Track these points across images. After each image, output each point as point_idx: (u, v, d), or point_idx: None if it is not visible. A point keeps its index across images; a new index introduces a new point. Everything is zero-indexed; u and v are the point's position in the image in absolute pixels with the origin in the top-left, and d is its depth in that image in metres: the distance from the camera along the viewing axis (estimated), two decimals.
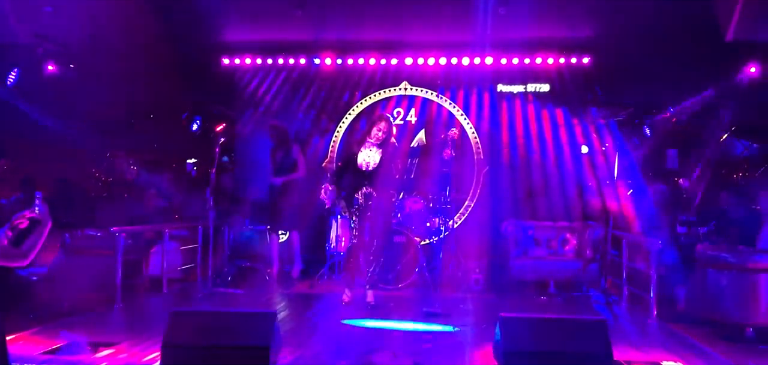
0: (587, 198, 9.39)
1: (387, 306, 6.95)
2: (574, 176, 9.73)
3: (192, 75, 9.54)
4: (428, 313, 6.52)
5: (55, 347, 5.00)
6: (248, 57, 10.23)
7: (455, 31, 9.35)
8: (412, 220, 8.72)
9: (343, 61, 10.14)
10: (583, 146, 9.92)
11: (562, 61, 9.77)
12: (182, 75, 9.38)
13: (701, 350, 5.35)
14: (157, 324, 4.98)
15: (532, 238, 8.67)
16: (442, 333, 5.85)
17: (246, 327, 4.44)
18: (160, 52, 8.81)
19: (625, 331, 6.20)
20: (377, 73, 10.29)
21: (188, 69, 9.41)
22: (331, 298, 7.36)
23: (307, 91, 10.43)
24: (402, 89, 10.36)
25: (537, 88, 10.09)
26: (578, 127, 9.93)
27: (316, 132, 10.42)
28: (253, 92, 10.43)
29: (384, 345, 5.24)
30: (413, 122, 10.27)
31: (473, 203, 10.10)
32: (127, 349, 5.02)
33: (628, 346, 5.34)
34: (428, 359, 5.02)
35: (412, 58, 9.99)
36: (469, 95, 10.28)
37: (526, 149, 10.02)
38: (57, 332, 5.41)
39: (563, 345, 4.34)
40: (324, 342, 5.57)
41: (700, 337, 5.76)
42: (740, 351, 5.42)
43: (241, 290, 7.87)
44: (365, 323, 6.18)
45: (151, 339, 5.06)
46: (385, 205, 7.02)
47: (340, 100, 10.45)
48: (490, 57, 9.80)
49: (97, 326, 6.01)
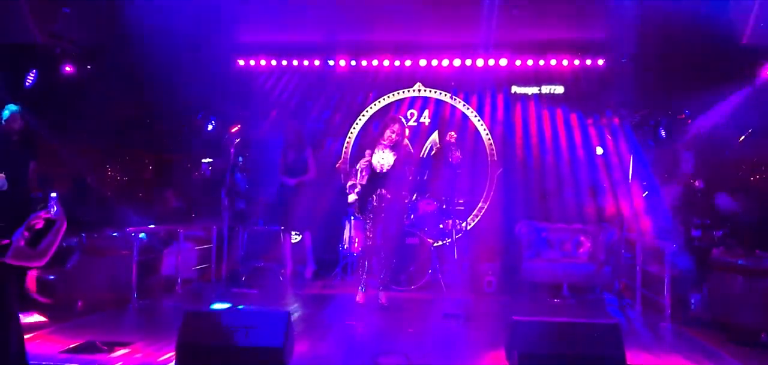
0: (601, 200, 9.35)
1: (400, 308, 6.97)
2: (588, 178, 9.69)
3: (208, 75, 9.59)
4: (446, 315, 6.54)
5: (73, 346, 5.06)
6: (263, 58, 10.28)
7: (469, 32, 9.34)
8: (425, 221, 8.74)
9: (356, 63, 10.16)
10: (597, 148, 9.88)
11: (576, 62, 9.73)
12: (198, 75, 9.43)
13: (715, 354, 5.33)
14: (171, 324, 5.02)
15: (546, 240, 8.65)
16: (454, 335, 5.85)
17: (260, 327, 4.48)
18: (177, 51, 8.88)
19: (639, 335, 6.17)
20: (391, 75, 10.32)
21: (204, 69, 9.46)
22: (344, 299, 7.38)
23: (321, 92, 10.48)
24: (415, 91, 10.38)
25: (551, 89, 10.06)
26: (592, 129, 9.90)
27: (330, 133, 10.46)
28: (267, 93, 10.48)
29: (396, 347, 5.25)
30: (427, 124, 10.29)
31: (486, 204, 10.10)
32: (142, 349, 5.07)
33: (641, 350, 5.32)
34: (441, 361, 5.03)
35: (425, 59, 9.99)
36: (483, 96, 10.29)
37: (540, 151, 9.99)
38: (74, 331, 5.49)
39: (576, 349, 4.35)
40: (337, 342, 5.59)
41: (714, 341, 5.74)
42: (754, 356, 5.39)
43: (255, 290, 7.92)
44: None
45: (165, 338, 5.11)
46: (398, 206, 7.03)
47: (353, 101, 10.49)
48: (504, 59, 9.78)
49: (112, 325, 6.09)
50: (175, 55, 8.79)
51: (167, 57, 8.83)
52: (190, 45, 8.89)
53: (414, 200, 8.77)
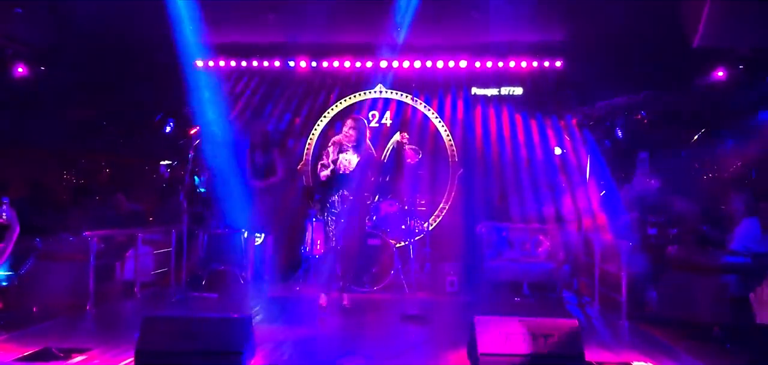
0: (560, 200, 9.48)
1: (362, 309, 6.97)
2: (547, 178, 9.82)
3: (166, 77, 9.46)
4: (405, 316, 6.57)
5: (28, 353, 4.94)
6: (222, 59, 10.17)
7: (430, 34, 9.40)
8: (387, 223, 8.76)
9: (318, 64, 10.12)
10: (556, 148, 10.03)
11: (535, 64, 9.82)
12: (155, 77, 9.30)
13: (671, 350, 5.44)
14: (130, 329, 4.95)
15: (506, 240, 8.72)
16: (416, 336, 5.88)
17: (220, 332, 4.44)
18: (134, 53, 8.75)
19: (597, 332, 6.28)
20: (352, 76, 10.32)
21: (162, 71, 9.33)
22: (306, 301, 7.34)
23: (282, 93, 10.42)
24: (377, 92, 10.39)
25: (511, 91, 10.16)
26: (551, 129, 10.04)
27: (291, 135, 10.40)
28: (227, 95, 10.36)
29: (357, 349, 5.25)
30: (389, 125, 10.30)
31: (448, 205, 10.16)
32: (99, 355, 4.97)
33: (600, 347, 5.42)
34: (403, 362, 5.04)
35: (386, 61, 10.00)
36: (444, 98, 10.35)
37: (500, 152, 10.09)
38: (29, 338, 5.36)
39: (537, 347, 4.41)
40: (298, 345, 5.56)
41: (670, 337, 5.85)
42: (708, 351, 5.51)
43: (215, 294, 7.83)
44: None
45: (124, 344, 5.02)
46: (360, 208, 7.02)
47: (315, 103, 10.44)
48: (464, 60, 9.86)
49: (69, 331, 5.94)
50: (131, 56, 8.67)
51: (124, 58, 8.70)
52: (147, 46, 8.77)
53: (376, 202, 8.78)
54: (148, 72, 9.11)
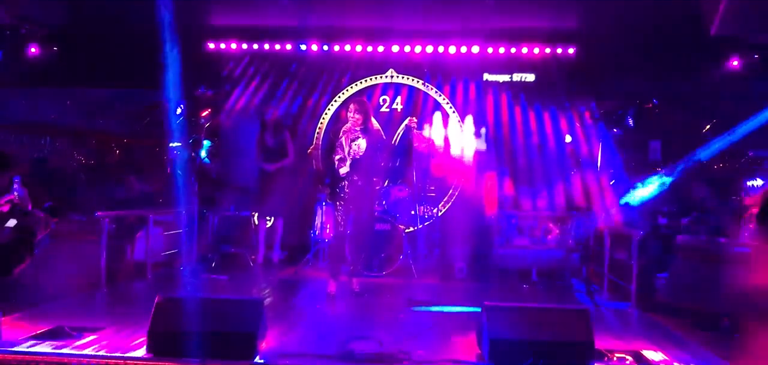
0: (570, 188, 9.47)
1: (372, 293, 6.99)
2: (557, 165, 9.80)
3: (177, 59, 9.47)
4: (411, 300, 6.59)
5: (40, 331, 4.98)
6: (234, 42, 10.18)
7: (443, 19, 9.36)
8: (397, 208, 8.77)
9: (329, 48, 10.13)
10: (567, 136, 10.00)
11: (547, 51, 9.82)
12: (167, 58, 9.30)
13: (679, 339, 5.44)
14: (141, 309, 4.97)
15: (516, 227, 8.72)
16: (425, 320, 5.90)
17: (233, 313, 4.46)
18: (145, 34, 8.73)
19: (607, 320, 6.28)
20: (363, 61, 10.29)
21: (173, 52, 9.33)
22: (316, 284, 7.38)
23: (293, 77, 10.42)
24: (388, 77, 10.37)
25: (523, 77, 10.13)
26: (563, 117, 10.00)
27: (302, 119, 10.41)
28: (238, 77, 10.39)
29: (368, 332, 5.27)
30: (399, 110, 10.29)
31: (458, 192, 10.15)
32: (112, 334, 5.00)
33: (609, 335, 5.41)
34: (412, 346, 5.06)
35: (398, 45, 9.98)
36: (456, 84, 10.31)
37: (511, 138, 10.07)
38: (41, 316, 5.40)
39: (546, 334, 4.41)
40: (309, 328, 5.60)
41: (678, 326, 5.85)
42: (716, 340, 5.51)
43: (225, 276, 7.87)
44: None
45: (136, 324, 5.05)
46: (370, 193, 7.02)
47: (326, 87, 10.44)
48: (476, 46, 9.82)
49: (81, 311, 6.00)
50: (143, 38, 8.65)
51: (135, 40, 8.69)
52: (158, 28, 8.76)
53: (386, 186, 8.79)
54: (159, 54, 9.11)
